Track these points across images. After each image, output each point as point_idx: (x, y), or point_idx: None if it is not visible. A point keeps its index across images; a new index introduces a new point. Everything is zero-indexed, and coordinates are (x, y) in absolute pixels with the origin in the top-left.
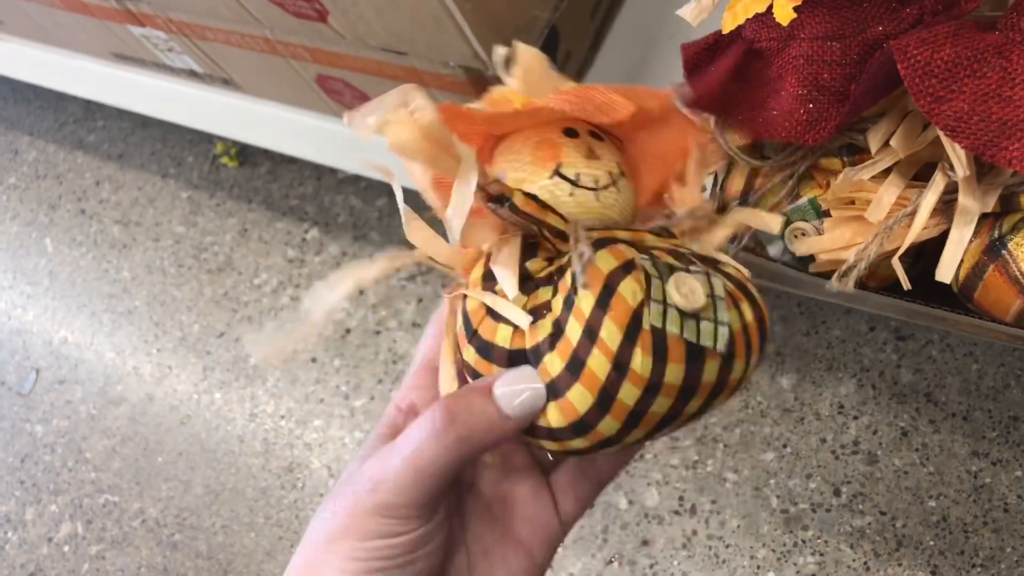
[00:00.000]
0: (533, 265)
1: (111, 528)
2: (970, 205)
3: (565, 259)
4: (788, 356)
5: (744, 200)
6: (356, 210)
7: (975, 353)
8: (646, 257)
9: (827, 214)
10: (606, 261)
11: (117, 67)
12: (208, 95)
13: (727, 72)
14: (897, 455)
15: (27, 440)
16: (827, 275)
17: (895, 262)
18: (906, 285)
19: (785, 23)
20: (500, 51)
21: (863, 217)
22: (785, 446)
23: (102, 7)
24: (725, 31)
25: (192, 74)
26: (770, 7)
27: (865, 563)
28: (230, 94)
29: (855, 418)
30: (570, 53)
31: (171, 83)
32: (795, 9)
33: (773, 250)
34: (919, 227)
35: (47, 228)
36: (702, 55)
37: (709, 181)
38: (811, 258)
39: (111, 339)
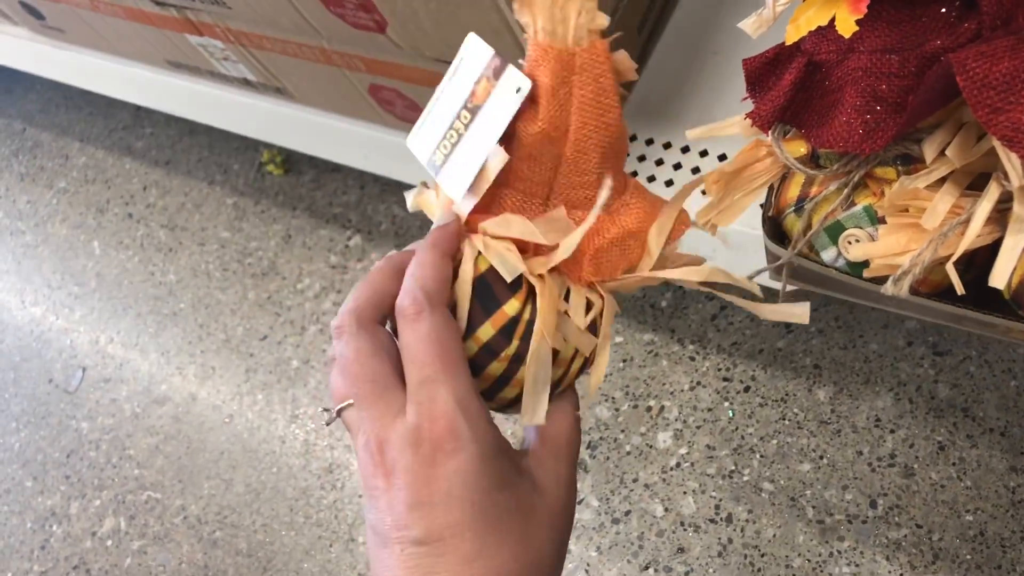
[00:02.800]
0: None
1: (153, 524)
2: None
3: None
4: (825, 369)
5: (799, 207)
6: (398, 218)
7: (1014, 370)
8: None
9: (882, 221)
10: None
11: (171, 75)
12: (259, 103)
13: (790, 85)
14: (934, 469)
15: (73, 436)
16: (880, 281)
17: (949, 267)
18: (960, 290)
19: (847, 35)
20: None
21: (918, 224)
22: (822, 457)
23: (163, 16)
24: (788, 43)
25: (245, 83)
26: (832, 20)
27: (901, 575)
28: (281, 102)
29: (892, 431)
30: None
31: (224, 91)
32: (856, 23)
33: (827, 256)
34: (973, 234)
35: (95, 231)
36: (763, 69)
37: (764, 192)
38: (864, 264)
39: (156, 340)
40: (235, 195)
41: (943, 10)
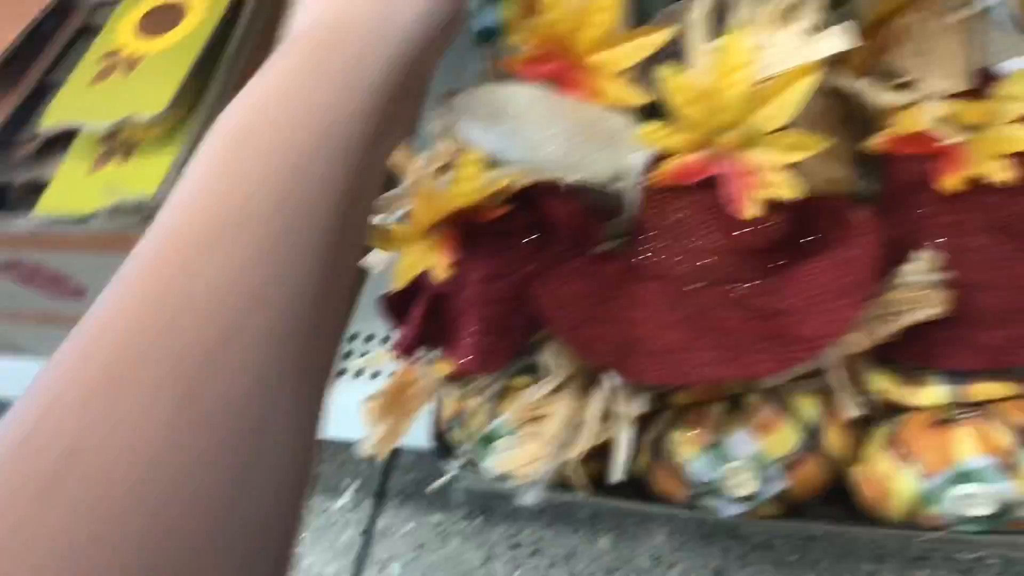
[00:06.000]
0: None
1: None
2: (625, 410)
3: None
4: (602, 517)
5: (457, 421)
6: None
7: None
8: None
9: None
10: None
11: None
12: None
13: (420, 318)
14: None
15: None
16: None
17: (575, 469)
18: (586, 491)
19: (442, 279)
20: None
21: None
22: None
23: None
24: (397, 288)
25: None
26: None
27: None
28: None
29: (671, 566)
30: None
31: None
32: (466, 255)
33: (488, 466)
34: (590, 435)
35: None
36: (399, 302)
37: (431, 409)
38: None
39: None
40: None
41: (524, 241)
